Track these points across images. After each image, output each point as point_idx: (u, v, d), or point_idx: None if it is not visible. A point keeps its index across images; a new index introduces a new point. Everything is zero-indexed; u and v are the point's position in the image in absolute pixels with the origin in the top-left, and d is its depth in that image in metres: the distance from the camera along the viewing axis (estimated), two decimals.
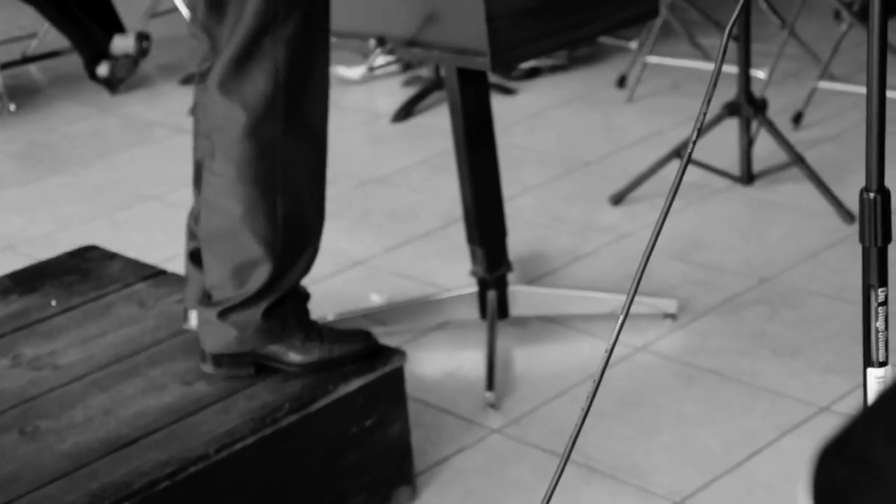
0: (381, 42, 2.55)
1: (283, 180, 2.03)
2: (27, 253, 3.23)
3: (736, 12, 1.46)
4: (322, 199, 2.14)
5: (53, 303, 2.37)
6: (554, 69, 4.29)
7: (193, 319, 2.14)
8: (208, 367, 2.09)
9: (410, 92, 4.19)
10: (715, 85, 1.41)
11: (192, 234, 2.19)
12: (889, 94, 1.37)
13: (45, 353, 2.20)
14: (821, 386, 2.38)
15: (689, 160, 1.44)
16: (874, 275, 1.25)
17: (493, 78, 4.06)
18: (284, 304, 2.09)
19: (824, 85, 3.73)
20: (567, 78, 4.26)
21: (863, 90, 1.25)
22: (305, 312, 2.14)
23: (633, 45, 4.26)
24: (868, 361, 1.26)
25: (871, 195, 1.25)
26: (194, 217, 2.18)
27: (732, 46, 3.62)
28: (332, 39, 2.61)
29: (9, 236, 3.40)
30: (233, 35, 2.00)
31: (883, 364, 1.25)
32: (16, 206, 3.60)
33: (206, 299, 2.09)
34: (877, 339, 1.26)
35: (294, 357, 2.09)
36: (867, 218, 1.25)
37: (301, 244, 2.09)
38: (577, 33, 2.50)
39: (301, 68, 2.03)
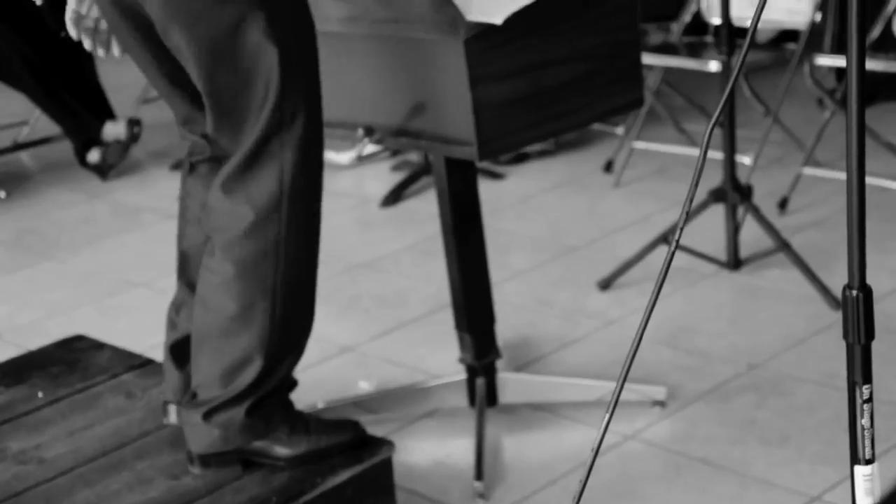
0: (370, 131, 2.58)
1: (283, 280, 2.04)
2: (14, 342, 3.22)
3: (721, 103, 1.49)
4: (314, 297, 2.15)
5: (40, 394, 2.36)
6: (541, 154, 4.33)
7: (172, 414, 2.14)
8: (196, 469, 2.08)
9: (399, 177, 4.22)
10: (700, 172, 1.43)
11: (172, 325, 2.19)
12: (871, 181, 1.39)
13: (31, 446, 2.19)
14: (811, 475, 2.37)
15: (677, 247, 1.45)
16: (858, 372, 1.26)
17: (481, 163, 4.09)
18: (269, 399, 2.08)
19: (809, 171, 3.77)
20: (554, 162, 4.30)
21: (845, 176, 1.27)
22: (290, 404, 2.14)
23: (620, 130, 4.30)
24: (854, 459, 1.26)
25: (854, 293, 1.26)
26: (176, 307, 2.19)
27: (717, 132, 3.67)
28: None
29: None
30: (240, 142, 2.02)
31: (869, 462, 1.25)
32: (3, 294, 3.60)
33: (190, 398, 2.09)
34: (863, 436, 1.26)
35: (281, 451, 2.08)
36: (850, 315, 1.26)
37: (293, 343, 2.09)
38: (563, 123, 2.53)
39: (305, 168, 2.05)
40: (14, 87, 4.37)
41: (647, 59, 3.68)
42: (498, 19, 2.29)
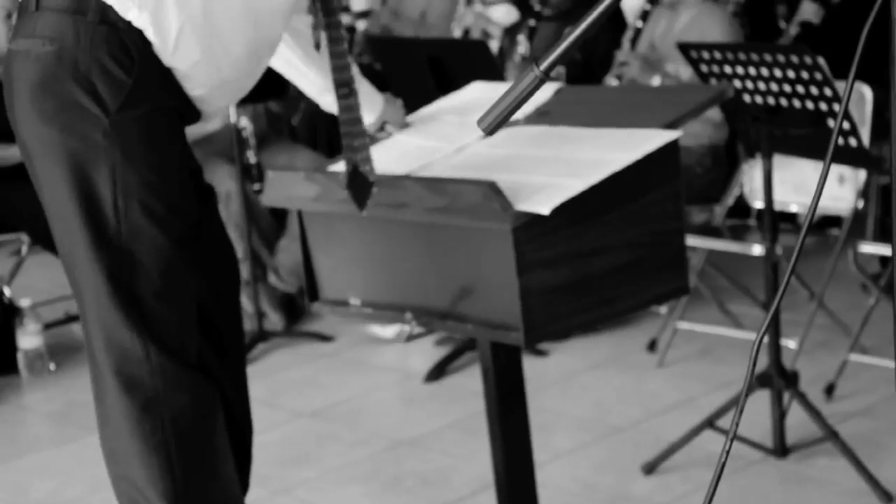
0: (416, 315, 2.61)
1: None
2: None
3: (777, 297, 1.50)
4: None
5: None
6: (585, 331, 4.34)
7: None
8: None
9: (443, 351, 4.24)
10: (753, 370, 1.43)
11: None
12: None
13: None
14: None
15: (733, 441, 1.43)
16: None
17: None
18: None
19: (855, 357, 3.76)
20: (598, 340, 4.31)
21: (892, 364, 1.28)
22: None
23: (664, 310, 4.32)
24: None
25: None
26: None
27: (761, 316, 3.67)
28: (368, 310, 2.69)
29: (40, 501, 3.39)
30: None
31: None
32: (49, 468, 3.61)
33: None
34: None
35: None
36: None
37: None
38: (609, 310, 2.56)
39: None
40: None
41: (691, 241, 3.72)
42: (545, 209, 2.35)
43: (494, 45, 5.06)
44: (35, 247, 4.59)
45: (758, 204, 3.99)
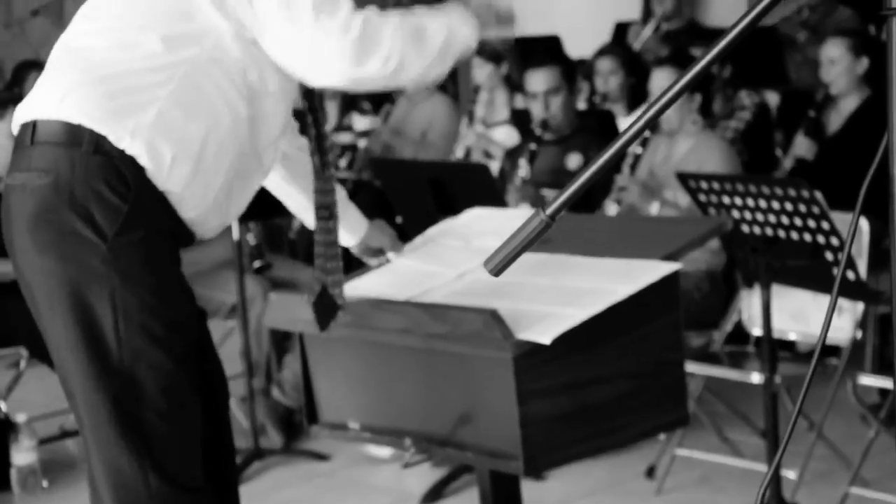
0: (416, 441, 2.60)
1: None
2: None
3: (787, 435, 1.50)
4: None
5: None
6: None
7: None
8: None
9: (440, 473, 4.20)
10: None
11: None
12: None
13: None
14: None
15: None
16: None
17: None
18: None
19: (856, 491, 3.73)
20: (596, 466, 4.27)
21: (894, 499, 1.27)
22: None
23: (662, 436, 4.29)
24: None
25: None
26: None
27: (760, 445, 3.66)
28: (367, 434, 2.68)
29: None
30: None
31: None
32: None
33: None
34: None
35: None
36: None
37: None
38: (608, 440, 2.55)
39: None
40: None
41: (690, 367, 3.71)
42: (546, 339, 2.36)
43: (495, 166, 5.12)
44: (32, 360, 4.59)
45: (756, 331, 4.00)
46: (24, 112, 2.32)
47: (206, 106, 2.27)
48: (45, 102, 2.28)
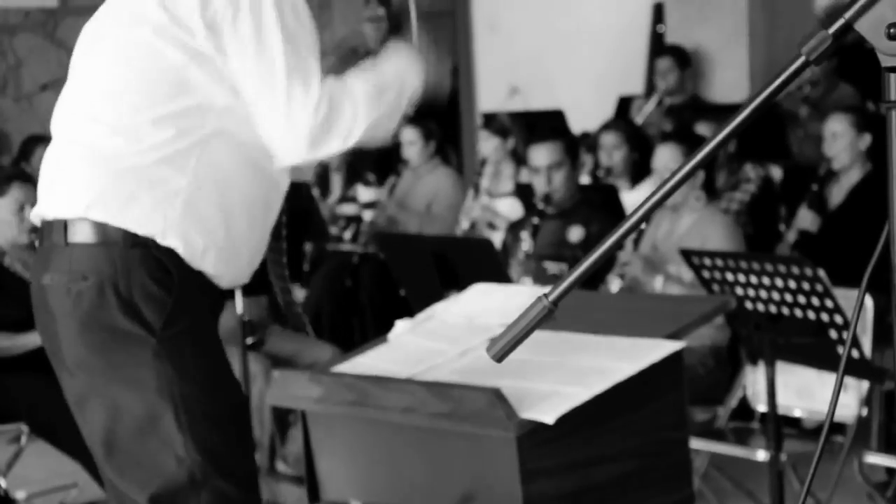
0: None
1: None
2: None
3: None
4: None
5: None
6: None
7: None
8: None
9: None
10: None
11: None
12: None
13: None
14: None
15: None
16: None
17: None
18: None
19: None
20: None
21: None
22: None
23: None
24: None
25: None
26: None
27: None
28: None
29: None
30: None
31: None
32: None
33: None
34: None
35: None
36: None
37: None
38: None
39: None
40: (63, 450, 4.43)
41: (695, 443, 3.69)
42: (550, 418, 2.35)
43: (498, 238, 5.13)
44: (32, 436, 4.56)
45: (761, 407, 3.97)
46: (48, 209, 2.32)
47: (229, 180, 2.30)
48: (70, 202, 2.28)
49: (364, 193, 6.31)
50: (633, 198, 5.13)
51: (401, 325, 2.98)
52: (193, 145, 2.26)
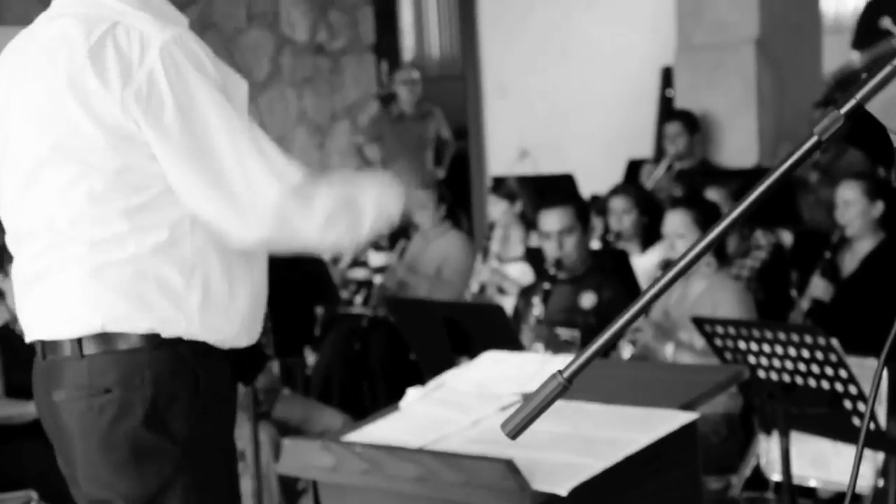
0: None
1: None
2: None
3: None
4: None
5: None
6: None
7: None
8: None
9: None
10: None
11: None
12: None
13: None
14: None
15: None
16: None
17: None
18: None
19: None
20: None
21: None
22: None
23: None
24: None
25: None
26: None
27: None
28: None
29: None
30: None
31: None
32: None
33: None
34: None
35: None
36: None
37: None
38: None
39: None
40: None
41: None
42: (563, 490, 2.33)
43: (509, 303, 5.13)
44: (42, 503, 4.54)
45: (775, 476, 3.94)
46: (48, 331, 2.19)
47: (226, 251, 2.23)
48: (81, 324, 2.14)
49: (375, 258, 6.32)
50: (643, 262, 5.13)
51: (412, 393, 2.97)
52: (190, 243, 2.17)
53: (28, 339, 2.26)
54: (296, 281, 5.38)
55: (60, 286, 2.17)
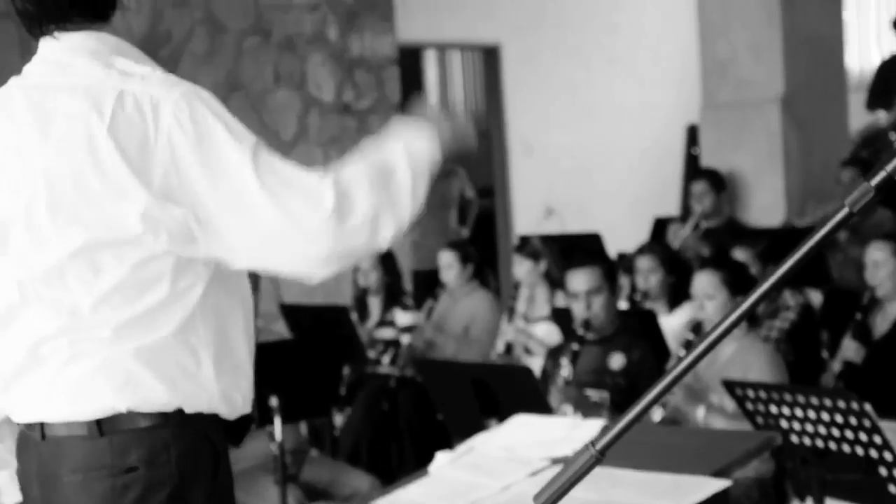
0: None
1: None
2: None
3: None
4: None
5: None
6: None
7: None
8: None
9: None
10: None
11: None
12: None
13: None
14: None
15: None
16: None
17: None
18: None
19: None
20: None
21: None
22: None
23: None
24: None
25: None
26: None
27: None
28: None
29: None
30: None
31: None
32: None
33: None
34: None
35: None
36: None
37: None
38: None
39: None
40: None
41: None
42: None
43: (535, 363, 5.11)
44: None
45: None
46: (61, 415, 2.07)
47: (228, 316, 2.14)
48: (104, 407, 2.05)
49: (402, 317, 6.31)
50: (671, 322, 5.10)
51: (441, 458, 2.96)
52: (203, 309, 2.08)
53: (19, 420, 2.14)
54: (323, 340, 5.39)
55: (77, 373, 2.07)
